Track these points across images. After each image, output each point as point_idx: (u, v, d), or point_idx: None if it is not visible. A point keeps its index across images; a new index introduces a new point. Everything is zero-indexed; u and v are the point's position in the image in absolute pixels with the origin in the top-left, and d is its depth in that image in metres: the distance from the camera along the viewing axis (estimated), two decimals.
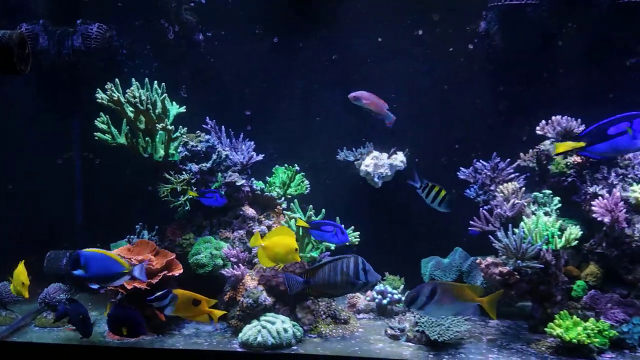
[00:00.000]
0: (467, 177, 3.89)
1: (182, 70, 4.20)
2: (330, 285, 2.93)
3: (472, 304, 2.79)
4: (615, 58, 3.86)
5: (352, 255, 2.94)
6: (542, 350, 3.13)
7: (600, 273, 3.42)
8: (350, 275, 2.89)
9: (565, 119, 3.53)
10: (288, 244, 3.04)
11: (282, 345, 3.14)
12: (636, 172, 3.41)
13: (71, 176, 4.24)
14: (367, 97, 3.68)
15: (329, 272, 2.92)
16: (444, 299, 2.77)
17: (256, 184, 3.75)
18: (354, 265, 2.90)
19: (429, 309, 2.79)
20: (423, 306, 2.78)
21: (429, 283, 3.00)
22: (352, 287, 2.94)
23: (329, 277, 2.92)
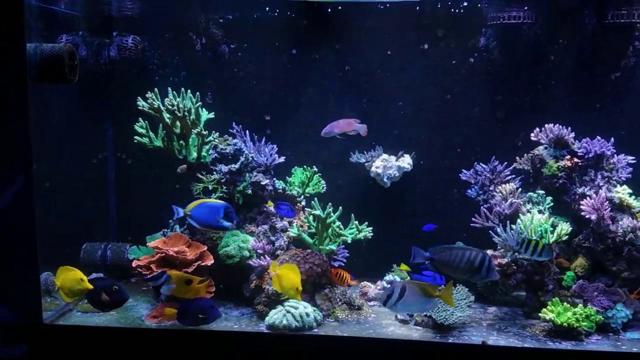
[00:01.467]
0: (469, 179, 4.28)
1: (207, 78, 4.55)
2: (452, 267, 3.14)
3: (434, 299, 3.14)
4: (601, 72, 4.25)
5: (482, 251, 3.15)
6: (536, 333, 3.52)
7: (588, 265, 3.81)
8: (473, 266, 3.10)
9: (557, 127, 3.93)
10: (293, 281, 3.35)
11: (304, 328, 3.49)
12: (620, 175, 3.81)
13: (105, 175, 4.59)
14: (336, 126, 4.00)
15: (455, 256, 3.13)
16: (412, 297, 3.13)
17: (278, 184, 4.11)
18: (481, 259, 3.10)
19: (400, 306, 3.16)
20: (395, 304, 3.13)
21: (400, 282, 3.35)
22: (471, 275, 3.14)
23: (454, 259, 3.13)
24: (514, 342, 3.37)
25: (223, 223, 3.50)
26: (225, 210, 3.50)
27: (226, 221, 3.50)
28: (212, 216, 3.49)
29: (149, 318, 3.67)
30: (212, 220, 3.49)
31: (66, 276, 3.29)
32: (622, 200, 3.68)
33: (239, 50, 4.55)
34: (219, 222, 3.49)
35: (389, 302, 3.13)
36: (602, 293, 3.62)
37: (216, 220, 3.49)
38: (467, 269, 3.11)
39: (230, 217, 3.51)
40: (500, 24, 4.18)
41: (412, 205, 4.64)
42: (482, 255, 3.11)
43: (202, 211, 3.49)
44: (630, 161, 3.86)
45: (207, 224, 3.52)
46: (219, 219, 3.49)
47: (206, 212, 3.50)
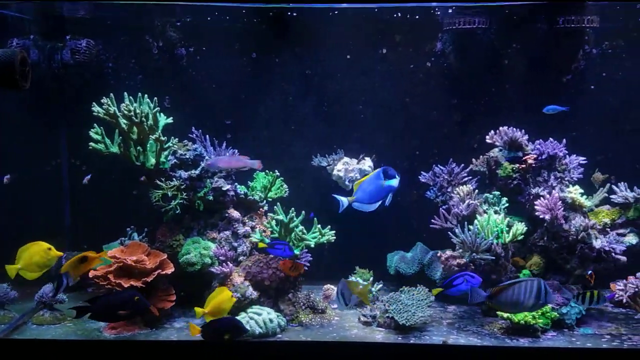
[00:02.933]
0: (427, 180, 4.36)
1: (165, 82, 4.48)
2: (512, 305, 3.12)
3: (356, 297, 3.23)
4: (553, 75, 4.40)
5: (536, 279, 3.13)
6: (495, 331, 3.61)
7: (542, 263, 3.94)
8: (532, 298, 3.07)
9: (511, 129, 4.05)
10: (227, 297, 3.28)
11: (268, 334, 3.49)
12: (572, 176, 3.96)
13: (59, 182, 4.46)
14: (221, 161, 3.86)
15: (512, 293, 3.09)
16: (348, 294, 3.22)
17: (240, 189, 4.08)
18: (537, 288, 3.08)
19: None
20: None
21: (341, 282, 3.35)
22: (532, 307, 3.14)
23: (512, 297, 3.09)
24: (474, 341, 3.46)
25: (389, 184, 3.34)
26: (384, 171, 3.34)
27: (389, 180, 3.33)
28: (377, 184, 3.32)
29: (107, 329, 3.58)
30: (378, 187, 3.32)
31: (30, 251, 3.16)
32: (575, 200, 3.81)
33: (198, 54, 4.50)
34: (385, 186, 3.33)
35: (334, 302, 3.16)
36: (557, 290, 3.75)
37: (382, 185, 3.33)
38: (527, 301, 3.09)
39: (390, 174, 3.34)
40: (456, 29, 4.27)
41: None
42: (537, 283, 3.10)
43: (366, 188, 3.33)
44: (581, 162, 4.01)
45: (377, 195, 3.34)
46: (383, 183, 3.33)
47: (370, 186, 3.33)
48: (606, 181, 4.11)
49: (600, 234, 3.78)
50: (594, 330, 3.62)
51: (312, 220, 3.81)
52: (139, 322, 3.62)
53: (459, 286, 3.46)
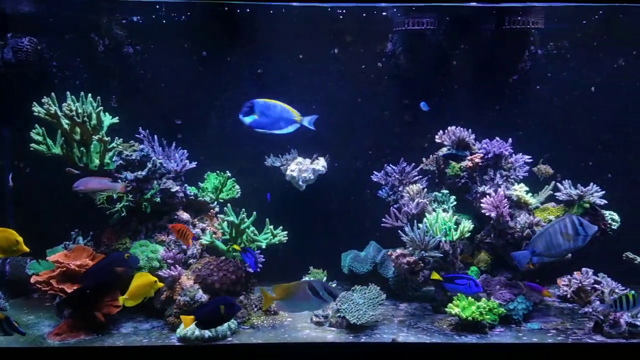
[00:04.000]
0: (379, 180, 4.39)
1: (112, 81, 4.37)
2: (553, 248, 3.16)
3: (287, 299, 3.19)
4: (500, 75, 4.50)
5: (566, 215, 3.17)
6: (444, 328, 3.66)
7: (490, 259, 4.03)
8: (570, 234, 3.11)
9: (458, 129, 4.12)
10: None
11: (218, 338, 3.43)
12: (517, 174, 4.05)
13: (2, 185, 4.28)
14: (86, 182, 3.64)
15: (549, 237, 3.15)
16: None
17: (190, 190, 4.02)
18: (571, 224, 3.11)
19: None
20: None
21: (317, 282, 3.35)
22: (574, 242, 3.15)
23: (550, 241, 3.15)
24: (423, 338, 3.49)
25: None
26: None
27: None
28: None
29: (51, 336, 3.46)
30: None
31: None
32: (520, 198, 3.90)
33: (146, 52, 4.40)
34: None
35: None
36: (504, 286, 3.83)
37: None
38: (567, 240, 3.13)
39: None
40: (405, 30, 4.31)
41: (327, 207, 4.69)
42: (569, 219, 3.13)
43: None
44: (527, 160, 4.11)
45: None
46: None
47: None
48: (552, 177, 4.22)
49: None
50: (540, 325, 3.70)
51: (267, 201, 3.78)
52: (84, 328, 3.52)
53: (460, 286, 3.52)
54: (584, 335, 3.53)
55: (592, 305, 3.51)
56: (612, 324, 3.45)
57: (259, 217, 3.82)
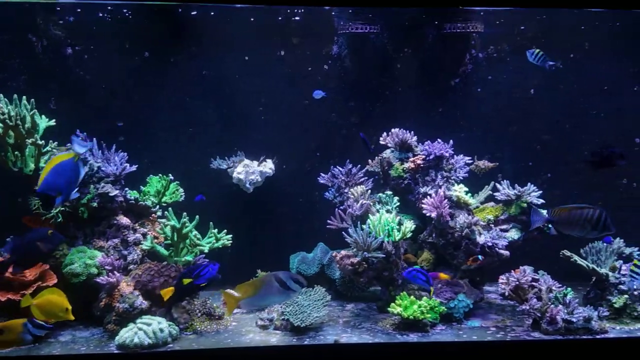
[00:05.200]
0: (326, 182, 4.41)
1: (50, 83, 4.24)
2: (572, 225, 3.27)
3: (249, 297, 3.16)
4: (442, 78, 4.58)
5: (599, 207, 3.24)
6: (387, 327, 3.71)
7: (432, 259, 4.09)
8: (592, 223, 3.22)
9: (401, 131, 4.17)
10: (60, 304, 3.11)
11: (158, 345, 3.37)
12: (458, 175, 4.13)
13: None
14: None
15: (574, 215, 3.24)
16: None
17: (130, 194, 3.93)
18: (598, 216, 3.20)
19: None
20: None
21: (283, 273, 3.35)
22: (589, 231, 3.28)
23: (573, 218, 3.26)
24: (366, 338, 3.52)
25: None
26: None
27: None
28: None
29: None
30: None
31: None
32: (460, 198, 3.98)
33: (85, 53, 4.29)
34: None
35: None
36: (446, 285, 3.90)
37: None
38: (586, 225, 3.24)
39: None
40: (350, 33, 4.34)
41: (276, 209, 4.68)
42: (599, 212, 3.21)
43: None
44: (467, 161, 4.19)
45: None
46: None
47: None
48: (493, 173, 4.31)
49: (484, 230, 3.96)
50: (481, 323, 3.79)
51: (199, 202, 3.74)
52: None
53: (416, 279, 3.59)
54: (522, 332, 3.63)
55: (529, 303, 3.61)
56: (549, 320, 3.56)
57: (206, 220, 3.78)
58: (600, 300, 3.81)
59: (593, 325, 3.53)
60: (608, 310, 3.72)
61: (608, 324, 3.67)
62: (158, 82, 4.43)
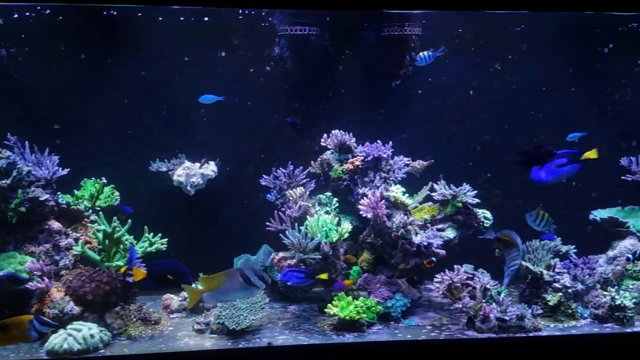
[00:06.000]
0: (268, 183, 4.40)
1: None
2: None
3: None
4: (384, 80, 4.62)
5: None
6: (325, 328, 3.71)
7: (371, 259, 4.11)
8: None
9: (340, 133, 4.19)
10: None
11: (89, 350, 3.31)
12: (396, 175, 4.16)
13: None
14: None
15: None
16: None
17: (62, 198, 3.85)
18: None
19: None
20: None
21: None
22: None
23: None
24: (302, 340, 3.52)
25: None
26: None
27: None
28: None
29: None
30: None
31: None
32: (397, 199, 4.01)
33: (20, 55, 4.20)
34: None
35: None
36: (384, 284, 3.93)
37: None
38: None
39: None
40: (292, 35, 4.34)
41: (219, 212, 4.64)
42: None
43: None
44: (406, 162, 4.23)
45: None
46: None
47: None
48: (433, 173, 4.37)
49: (421, 229, 4.01)
50: (418, 322, 3.82)
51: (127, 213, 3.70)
52: None
53: (292, 279, 3.63)
54: (457, 331, 3.68)
55: (462, 302, 3.65)
56: (483, 319, 3.61)
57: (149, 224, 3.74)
58: (535, 298, 3.89)
59: (526, 323, 3.59)
60: (542, 308, 3.80)
61: (543, 321, 3.75)
62: (96, 84, 4.36)
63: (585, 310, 3.85)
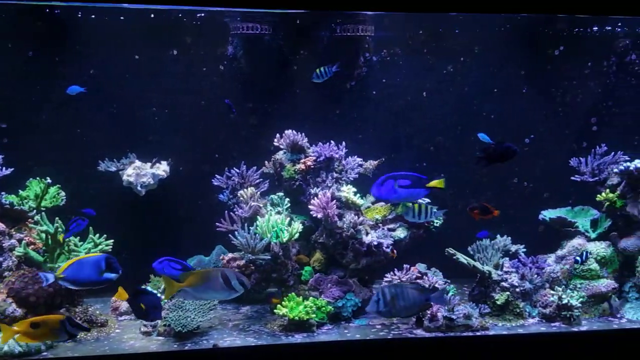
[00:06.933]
0: (221, 183, 4.36)
1: None
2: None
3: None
4: (339, 81, 4.61)
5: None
6: (275, 329, 3.70)
7: (324, 259, 4.11)
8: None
9: (293, 133, 4.18)
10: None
11: (30, 353, 3.25)
12: (348, 176, 4.17)
13: None
14: None
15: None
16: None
17: (6, 198, 3.76)
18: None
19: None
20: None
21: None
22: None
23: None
24: (251, 341, 3.50)
25: (107, 276, 3.20)
26: (107, 261, 3.21)
27: (110, 273, 3.21)
28: (94, 272, 3.18)
29: None
30: (94, 276, 3.18)
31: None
32: (348, 199, 4.02)
33: None
34: (103, 276, 3.19)
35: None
36: (335, 284, 3.94)
37: (99, 274, 3.18)
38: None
39: (114, 268, 3.22)
40: (245, 34, 4.32)
41: (172, 213, 4.59)
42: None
43: (81, 269, 3.15)
44: (360, 162, 4.25)
45: (88, 281, 3.19)
46: (102, 271, 3.18)
47: (86, 269, 3.16)
48: None
49: (372, 229, 4.02)
50: (368, 321, 3.84)
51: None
52: None
53: (166, 270, 3.59)
54: (405, 330, 3.71)
55: None
56: (431, 318, 3.64)
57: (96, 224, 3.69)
58: (484, 298, 3.93)
59: (473, 322, 3.64)
60: (490, 307, 3.85)
61: (491, 320, 3.81)
62: (44, 82, 4.26)
63: (533, 309, 3.92)
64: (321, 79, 4.01)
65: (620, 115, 4.88)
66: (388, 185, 3.39)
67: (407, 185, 3.42)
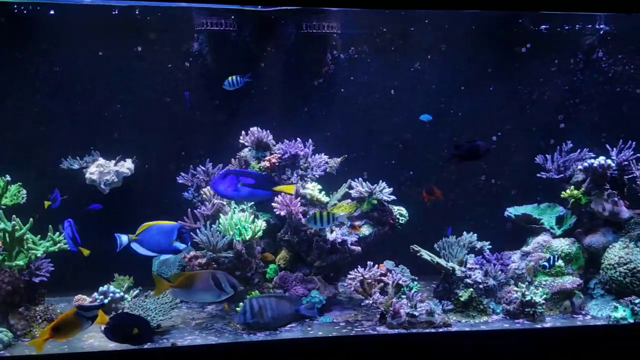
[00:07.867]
0: (185, 181, 4.33)
1: None
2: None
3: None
4: (306, 78, 4.61)
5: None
6: (237, 327, 3.67)
7: (289, 257, 4.10)
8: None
9: (257, 130, 4.16)
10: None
11: None
12: (314, 173, 4.16)
13: None
14: None
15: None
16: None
17: None
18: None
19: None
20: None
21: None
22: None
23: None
24: (211, 339, 3.48)
25: (176, 245, 3.25)
26: (179, 231, 3.25)
27: (180, 243, 3.26)
28: (165, 239, 3.24)
29: None
30: (164, 244, 3.24)
31: None
32: (313, 196, 4.02)
33: None
34: (172, 245, 3.25)
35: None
36: (300, 282, 3.92)
37: (169, 243, 3.24)
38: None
39: (184, 239, 3.27)
40: (211, 30, 4.28)
41: (137, 211, 4.53)
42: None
43: (153, 235, 3.24)
44: (326, 160, 4.23)
45: (158, 249, 3.27)
46: (173, 241, 3.24)
47: (157, 236, 3.25)
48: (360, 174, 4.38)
49: (337, 227, 4.01)
50: (332, 318, 3.83)
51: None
52: None
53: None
54: (369, 327, 3.70)
55: (372, 297, 3.68)
56: (393, 314, 3.64)
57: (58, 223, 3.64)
58: (448, 294, 3.94)
59: (436, 318, 3.64)
60: (454, 303, 3.86)
61: (454, 317, 3.82)
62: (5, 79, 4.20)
63: (497, 305, 3.93)
64: (232, 87, 4.04)
65: (588, 112, 4.91)
66: (230, 181, 3.39)
67: (251, 185, 3.42)
